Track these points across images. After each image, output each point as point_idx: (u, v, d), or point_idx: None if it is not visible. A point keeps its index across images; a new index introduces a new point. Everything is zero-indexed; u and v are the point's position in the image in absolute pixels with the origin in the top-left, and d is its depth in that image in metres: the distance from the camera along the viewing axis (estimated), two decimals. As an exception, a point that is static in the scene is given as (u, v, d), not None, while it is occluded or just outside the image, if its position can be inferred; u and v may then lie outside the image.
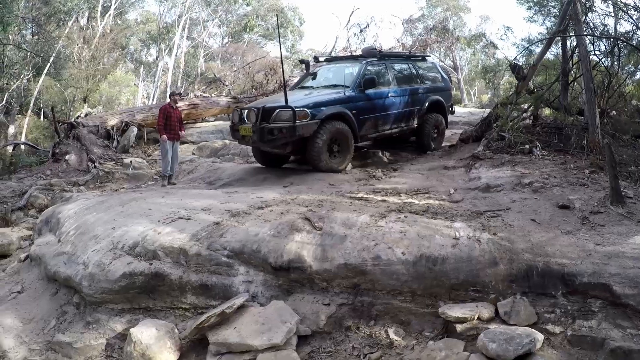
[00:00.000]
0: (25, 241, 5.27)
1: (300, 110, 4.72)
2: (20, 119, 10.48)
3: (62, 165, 6.87)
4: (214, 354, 2.31)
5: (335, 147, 4.99)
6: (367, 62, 5.61)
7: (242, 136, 5.21)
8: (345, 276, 2.63)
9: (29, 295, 3.88)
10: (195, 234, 2.96)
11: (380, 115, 5.46)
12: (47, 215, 4.98)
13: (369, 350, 2.43)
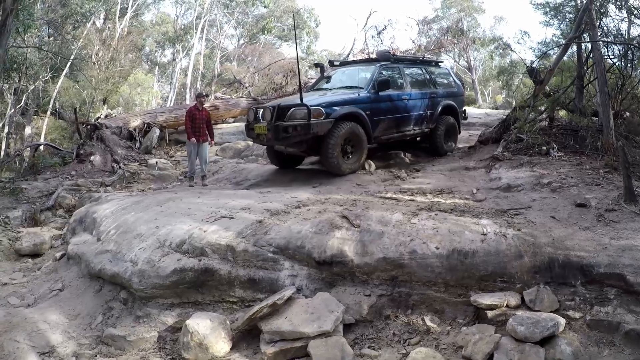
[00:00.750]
0: (56, 240, 5.66)
1: (315, 109, 4.98)
2: (36, 120, 10.87)
3: (86, 166, 7.23)
4: (268, 342, 2.69)
5: (349, 147, 5.24)
6: (382, 65, 5.90)
7: (257, 134, 5.47)
8: (384, 269, 3.03)
9: (71, 293, 4.25)
10: (241, 232, 3.35)
11: (394, 118, 5.72)
12: (81, 215, 5.36)
13: (408, 336, 2.82)
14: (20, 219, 6.21)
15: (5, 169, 8.20)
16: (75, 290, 4.24)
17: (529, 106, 5.23)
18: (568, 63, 6.05)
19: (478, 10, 16.73)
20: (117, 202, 5.17)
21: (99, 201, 5.56)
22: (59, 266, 4.90)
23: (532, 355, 2.44)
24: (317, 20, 19.16)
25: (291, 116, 5.04)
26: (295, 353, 2.63)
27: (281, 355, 2.61)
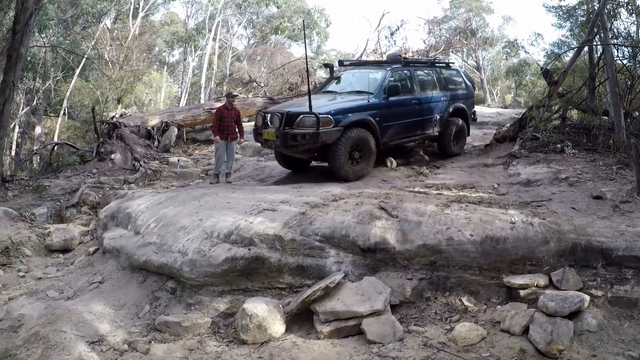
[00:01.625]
0: (85, 236, 5.95)
1: (324, 117, 5.04)
2: (44, 119, 11.09)
3: (107, 164, 7.52)
4: (323, 322, 3.03)
5: (356, 153, 5.30)
6: (392, 69, 5.95)
7: (265, 140, 5.56)
8: (423, 255, 3.41)
9: (112, 285, 4.53)
10: (287, 223, 3.70)
11: (403, 123, 5.78)
12: (113, 211, 5.65)
13: (448, 315, 3.21)
14: (45, 216, 6.49)
15: (23, 167, 8.45)
16: (117, 282, 4.54)
17: (543, 106, 5.69)
18: (580, 65, 6.53)
19: (487, 10, 17.37)
20: (149, 197, 5.49)
21: (129, 197, 5.87)
22: (94, 260, 5.20)
23: (562, 327, 2.84)
24: (328, 20, 19.73)
25: (300, 124, 5.11)
26: (349, 331, 2.99)
27: (336, 333, 2.97)
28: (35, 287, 4.80)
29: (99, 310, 4.01)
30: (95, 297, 4.34)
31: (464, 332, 2.84)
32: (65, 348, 3.45)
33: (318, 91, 6.66)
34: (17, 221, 6.36)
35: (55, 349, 3.49)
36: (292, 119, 5.21)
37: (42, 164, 8.37)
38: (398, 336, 2.89)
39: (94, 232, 6.12)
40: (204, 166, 7.61)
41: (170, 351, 3.12)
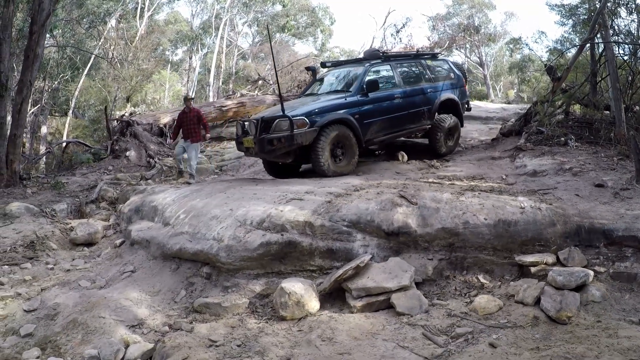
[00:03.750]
0: (108, 230, 6.32)
1: (298, 119, 5.16)
2: (49, 119, 11.40)
3: (122, 161, 7.89)
4: (355, 298, 3.43)
5: (339, 151, 5.41)
6: (370, 64, 5.96)
7: (246, 148, 5.67)
8: (442, 237, 3.83)
9: (145, 273, 4.91)
10: (315, 210, 4.11)
11: (387, 118, 5.74)
12: (137, 205, 6.03)
13: (467, 291, 3.63)
14: (65, 212, 6.87)
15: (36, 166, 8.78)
16: (149, 270, 4.91)
17: (547, 101, 6.14)
18: (581, 61, 6.98)
19: (489, 7, 17.93)
20: (173, 191, 5.88)
21: (151, 192, 6.26)
22: (122, 252, 5.58)
23: (570, 297, 3.26)
24: (332, 18, 20.15)
25: (275, 128, 5.25)
26: (378, 305, 3.40)
27: (367, 308, 3.38)
28: (66, 278, 5.18)
29: (135, 297, 4.38)
30: (129, 285, 4.72)
31: (483, 303, 3.26)
32: (106, 332, 3.79)
33: (302, 94, 6.77)
34: (39, 217, 6.75)
35: (96, 334, 3.83)
36: (268, 125, 5.37)
37: (55, 162, 8.71)
38: (424, 308, 3.31)
39: (117, 225, 6.52)
40: (217, 162, 8.01)
41: (214, 329, 3.45)
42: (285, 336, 3.17)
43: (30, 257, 5.61)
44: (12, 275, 5.13)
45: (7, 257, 5.54)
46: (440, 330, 3.02)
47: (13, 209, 6.68)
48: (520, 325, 3.05)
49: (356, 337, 2.96)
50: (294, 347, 2.96)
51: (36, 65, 7.42)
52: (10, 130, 7.27)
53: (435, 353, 2.72)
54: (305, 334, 3.12)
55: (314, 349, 2.86)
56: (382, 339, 2.92)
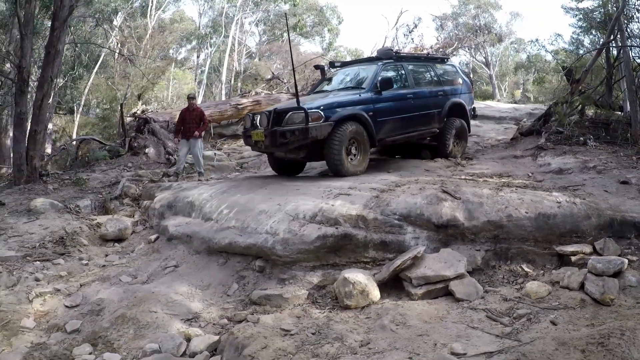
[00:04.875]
0: (137, 226, 6.42)
1: (314, 112, 5.07)
2: (54, 117, 11.31)
3: (141, 158, 7.98)
4: (415, 286, 3.72)
5: (353, 149, 5.35)
6: (384, 64, 5.98)
7: (254, 142, 5.52)
8: (488, 230, 4.16)
9: (189, 268, 5.05)
10: (366, 204, 4.38)
11: (399, 118, 5.77)
12: (169, 201, 6.18)
13: (514, 279, 3.96)
14: (90, 208, 6.97)
15: (52, 163, 8.76)
16: (193, 265, 5.06)
17: (566, 102, 6.57)
18: (596, 63, 7.41)
19: (494, 7, 18.56)
20: (208, 187, 6.06)
21: (182, 188, 6.42)
22: (159, 247, 5.71)
23: (610, 282, 3.62)
24: (340, 17, 20.58)
25: (288, 120, 5.14)
26: (437, 293, 3.70)
27: (427, 295, 3.68)
28: (105, 274, 5.28)
29: (185, 291, 4.51)
30: (176, 280, 4.84)
31: (535, 288, 3.60)
32: (160, 326, 3.89)
33: (310, 92, 6.74)
34: (64, 213, 6.83)
35: (149, 328, 3.92)
36: (280, 117, 5.25)
37: (69, 159, 8.73)
38: (480, 294, 3.63)
39: (145, 221, 6.63)
40: (236, 160, 8.18)
41: (279, 319, 3.58)
42: (356, 323, 3.41)
43: (61, 253, 5.71)
44: (45, 271, 5.21)
45: (37, 252, 5.62)
46: (501, 312, 3.33)
47: (38, 204, 6.74)
48: (571, 306, 3.39)
49: (426, 321, 3.25)
50: (368, 333, 3.21)
51: (57, 61, 7.47)
52: (31, 126, 7.28)
53: (504, 331, 3.03)
54: (375, 321, 3.38)
55: (390, 333, 3.13)
56: (451, 321, 3.22)
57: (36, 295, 4.49)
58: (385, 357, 2.82)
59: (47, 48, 7.40)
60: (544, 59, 12.26)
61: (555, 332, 2.95)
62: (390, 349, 2.92)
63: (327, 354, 3.00)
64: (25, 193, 7.20)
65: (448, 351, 2.77)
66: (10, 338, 3.87)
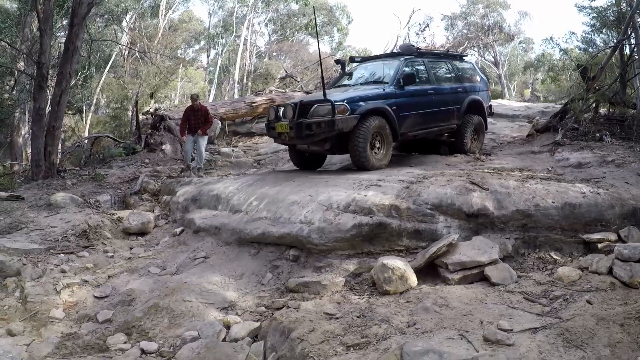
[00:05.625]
0: (159, 220, 6.55)
1: (340, 104, 5.17)
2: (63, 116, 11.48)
3: (158, 155, 8.11)
4: (452, 271, 3.90)
5: (377, 142, 5.46)
6: (406, 59, 6.11)
7: (278, 133, 5.61)
8: (517, 219, 4.36)
9: (220, 259, 5.18)
10: (398, 194, 4.57)
11: (421, 113, 5.90)
12: (193, 195, 6.33)
13: (543, 265, 4.16)
14: (109, 203, 7.09)
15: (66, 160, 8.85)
16: (224, 256, 5.19)
17: (582, 99, 6.83)
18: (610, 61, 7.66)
19: (503, 6, 18.91)
20: (232, 181, 6.23)
21: (205, 183, 6.57)
22: (185, 239, 5.85)
23: (637, 267, 3.80)
24: (350, 17, 20.85)
25: (314, 113, 5.22)
26: (472, 278, 3.88)
27: (463, 280, 3.86)
28: (132, 266, 5.40)
29: (218, 281, 4.65)
30: (207, 270, 4.97)
31: (566, 272, 3.80)
32: (196, 315, 4.03)
33: (331, 87, 6.84)
34: (84, 207, 6.96)
35: (184, 317, 4.05)
36: (306, 109, 5.33)
37: (83, 156, 8.84)
38: (514, 279, 3.82)
39: (167, 216, 6.76)
40: (253, 156, 8.35)
41: (320, 305, 3.72)
42: (397, 307, 3.57)
43: (85, 246, 5.83)
44: (71, 263, 5.33)
45: (60, 245, 5.73)
46: (537, 294, 3.53)
47: (58, 199, 6.86)
48: (602, 289, 3.59)
49: (467, 303, 3.43)
50: (413, 315, 3.38)
51: (75, 57, 7.60)
52: (49, 122, 7.38)
53: (544, 310, 3.22)
54: (416, 304, 3.54)
55: (434, 314, 3.30)
56: (492, 303, 3.41)
57: (64, 286, 4.60)
58: (434, 335, 2.98)
59: (65, 44, 7.53)
60: (553, 58, 12.71)
61: (593, 309, 3.14)
62: (438, 328, 3.09)
63: (376, 335, 3.16)
64: (43, 188, 7.30)
65: (495, 328, 2.95)
66: (40, 329, 3.95)
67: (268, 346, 3.49)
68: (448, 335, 2.95)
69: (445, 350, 2.70)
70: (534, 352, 2.68)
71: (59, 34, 10.69)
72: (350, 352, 3.06)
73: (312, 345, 3.17)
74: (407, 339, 2.99)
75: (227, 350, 3.44)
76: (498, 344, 2.75)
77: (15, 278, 4.71)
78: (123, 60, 11.95)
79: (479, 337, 2.85)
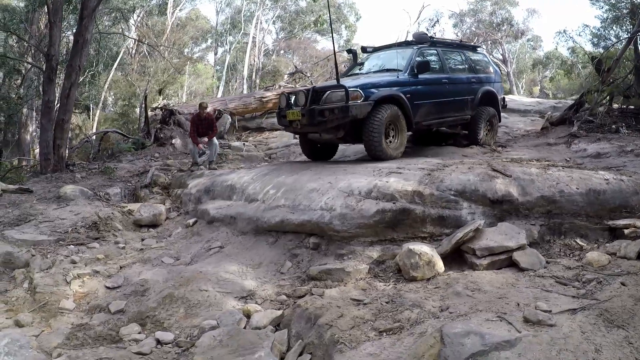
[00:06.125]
0: (170, 212, 6.46)
1: (354, 90, 5.05)
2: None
3: (168, 149, 8.05)
4: (479, 257, 3.82)
5: (391, 131, 5.34)
6: (419, 47, 6.00)
7: (289, 121, 5.49)
8: (541, 205, 4.30)
9: (236, 248, 5.10)
10: (420, 181, 4.49)
11: (435, 102, 5.77)
12: (206, 186, 6.26)
13: (569, 252, 4.09)
14: (119, 196, 7.02)
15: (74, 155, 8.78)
16: (240, 245, 5.11)
17: (597, 91, 6.81)
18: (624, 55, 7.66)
19: (512, 3, 18.97)
20: (245, 172, 6.15)
21: (218, 174, 6.50)
22: (199, 230, 5.77)
23: (666, 251, 3.79)
24: (358, 14, 20.89)
25: (327, 99, 5.08)
26: (500, 264, 3.79)
27: (491, 265, 3.78)
28: (145, 256, 5.31)
29: (235, 270, 4.55)
30: (223, 260, 4.88)
31: (596, 257, 3.73)
32: (213, 304, 3.93)
33: (343, 76, 6.58)
34: (94, 200, 6.89)
35: (201, 307, 3.96)
36: (319, 95, 5.21)
37: (92, 152, 8.77)
38: (543, 264, 3.74)
39: (179, 208, 6.69)
40: (264, 150, 8.30)
41: (344, 292, 3.63)
42: (427, 292, 3.47)
43: (95, 238, 5.75)
44: (81, 254, 5.24)
45: (70, 237, 5.66)
46: (569, 278, 3.45)
47: (68, 191, 6.78)
48: (633, 272, 3.51)
49: (499, 287, 3.35)
50: (444, 300, 3.28)
51: (85, 50, 7.54)
52: (58, 115, 7.30)
53: (579, 292, 3.15)
54: (446, 289, 3.44)
55: (467, 298, 3.21)
56: (524, 287, 3.33)
57: (74, 277, 4.50)
58: (470, 318, 2.90)
59: (75, 37, 7.47)
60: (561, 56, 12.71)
61: (629, 291, 3.07)
62: (473, 311, 3.01)
63: (409, 319, 3.07)
64: (52, 181, 7.22)
65: (534, 309, 2.87)
66: (49, 320, 3.84)
67: (292, 334, 3.39)
68: (486, 318, 2.86)
69: (486, 332, 2.62)
70: (577, 332, 2.60)
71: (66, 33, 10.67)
72: (383, 337, 2.97)
73: (342, 331, 3.08)
74: (443, 322, 2.91)
75: (250, 337, 3.34)
76: (539, 324, 2.67)
77: (23, 269, 4.62)
78: (130, 57, 11.93)
79: (519, 318, 2.77)
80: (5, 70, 9.70)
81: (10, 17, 9.68)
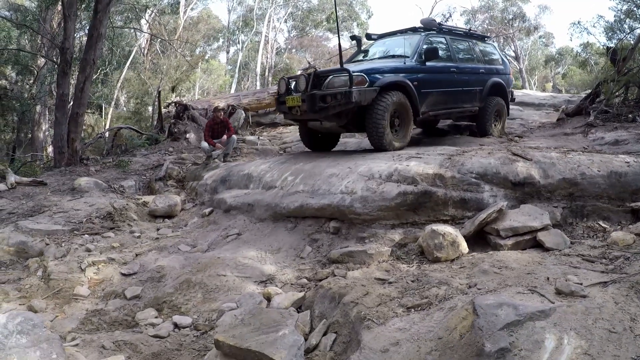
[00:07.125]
0: (185, 204, 6.50)
1: (358, 75, 4.77)
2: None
3: (182, 143, 8.11)
4: (503, 237, 3.80)
5: (396, 121, 5.07)
6: (427, 34, 5.79)
7: (288, 108, 5.18)
8: (563, 187, 4.28)
9: (254, 235, 5.11)
10: (441, 164, 4.50)
11: (442, 92, 5.53)
12: (222, 176, 6.30)
13: (593, 233, 4.08)
14: (134, 188, 7.07)
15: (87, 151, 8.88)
16: (258, 232, 5.12)
17: (613, 80, 6.80)
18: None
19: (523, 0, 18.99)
20: (261, 162, 6.19)
21: (234, 165, 6.55)
22: (215, 219, 5.80)
23: (690, 231, 3.77)
24: (370, 11, 20.90)
25: (329, 84, 4.82)
26: (525, 244, 3.78)
27: (516, 246, 3.76)
28: (161, 244, 5.34)
29: (254, 255, 4.56)
30: (241, 246, 4.90)
31: (621, 236, 3.71)
32: (232, 289, 3.93)
33: (347, 62, 6.27)
34: (108, 192, 6.94)
35: (219, 292, 3.96)
36: (320, 80, 4.95)
37: (106, 147, 8.86)
38: (568, 244, 3.73)
39: (194, 200, 6.73)
40: (278, 144, 8.36)
41: (367, 273, 3.62)
42: (452, 272, 3.44)
43: (110, 228, 5.80)
44: (96, 243, 5.27)
45: (84, 227, 5.70)
46: (596, 256, 3.44)
47: (82, 183, 6.84)
48: (659, 251, 3.50)
49: (526, 265, 3.34)
50: (471, 278, 3.26)
51: (99, 44, 7.62)
52: (72, 109, 7.38)
53: (608, 268, 3.14)
54: (471, 269, 3.43)
55: (495, 275, 3.20)
56: (551, 264, 3.31)
57: (89, 264, 4.50)
58: (500, 293, 2.89)
59: (90, 31, 7.56)
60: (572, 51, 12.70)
61: (659, 265, 3.06)
62: (502, 286, 3.00)
63: (437, 296, 3.06)
64: (67, 174, 7.29)
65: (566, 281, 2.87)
66: (63, 306, 3.84)
67: (315, 314, 3.38)
68: (517, 291, 2.85)
69: (519, 303, 2.60)
70: (610, 303, 2.59)
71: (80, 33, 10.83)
72: (411, 312, 2.96)
73: (369, 308, 3.06)
74: (473, 297, 2.91)
75: (274, 315, 3.28)
76: (572, 295, 2.66)
77: (37, 258, 4.65)
78: (142, 56, 12.07)
79: (550, 290, 2.76)
80: (18, 69, 9.84)
81: (23, 15, 9.85)
